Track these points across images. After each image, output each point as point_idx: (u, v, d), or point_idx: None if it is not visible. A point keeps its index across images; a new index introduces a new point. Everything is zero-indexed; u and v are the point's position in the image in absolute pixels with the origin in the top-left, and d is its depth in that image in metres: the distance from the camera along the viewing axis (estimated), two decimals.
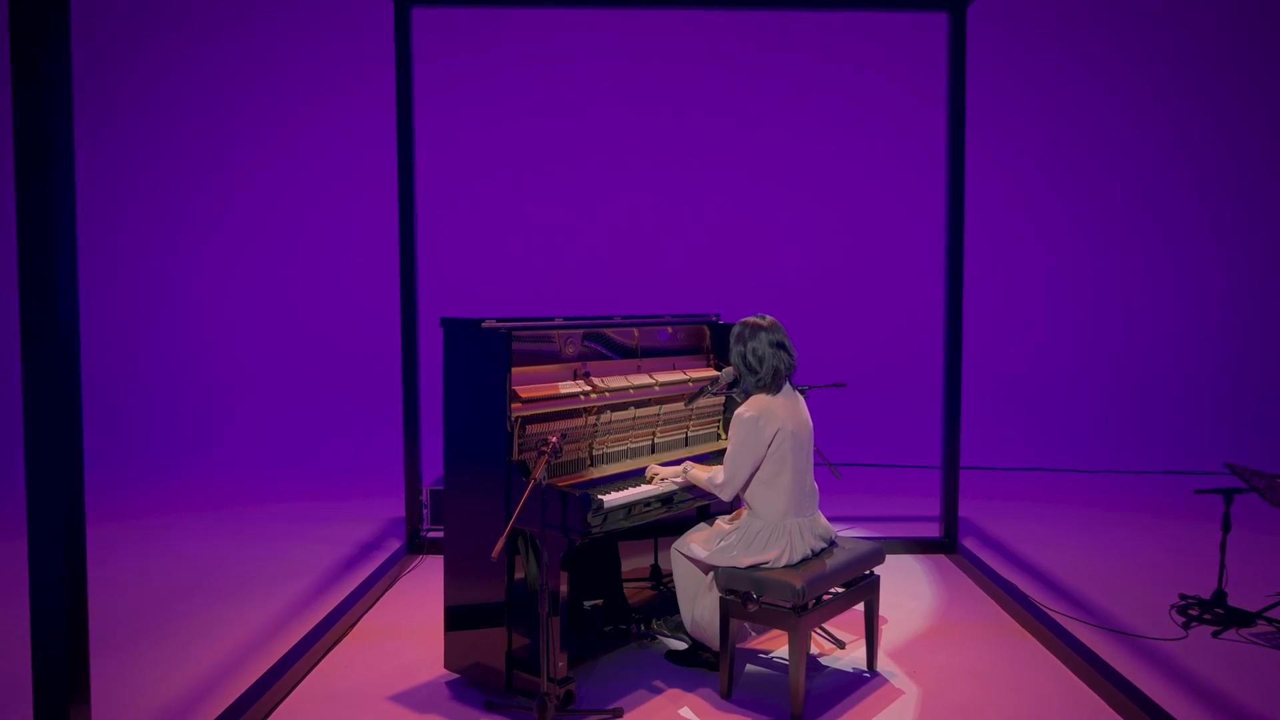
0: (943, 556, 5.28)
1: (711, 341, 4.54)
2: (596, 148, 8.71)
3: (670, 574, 4.32)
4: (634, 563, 4.22)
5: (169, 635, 4.07)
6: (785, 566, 3.29)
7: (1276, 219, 8.71)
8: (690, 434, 4.27)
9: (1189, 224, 8.83)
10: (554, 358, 3.70)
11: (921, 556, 5.27)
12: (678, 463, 3.74)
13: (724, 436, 4.49)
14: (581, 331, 3.81)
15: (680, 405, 4.14)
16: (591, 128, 8.69)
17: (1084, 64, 8.67)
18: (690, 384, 4.20)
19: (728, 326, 4.49)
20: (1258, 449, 8.02)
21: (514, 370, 3.46)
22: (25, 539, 2.37)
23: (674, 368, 4.30)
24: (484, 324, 3.37)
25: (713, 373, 4.39)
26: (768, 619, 3.25)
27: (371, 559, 5.17)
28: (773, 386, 3.36)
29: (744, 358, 3.38)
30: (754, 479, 3.32)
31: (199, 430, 8.47)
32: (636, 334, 4.11)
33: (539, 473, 3.03)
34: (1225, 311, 8.79)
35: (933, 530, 5.75)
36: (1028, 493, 6.99)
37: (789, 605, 3.19)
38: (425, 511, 5.35)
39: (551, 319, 3.65)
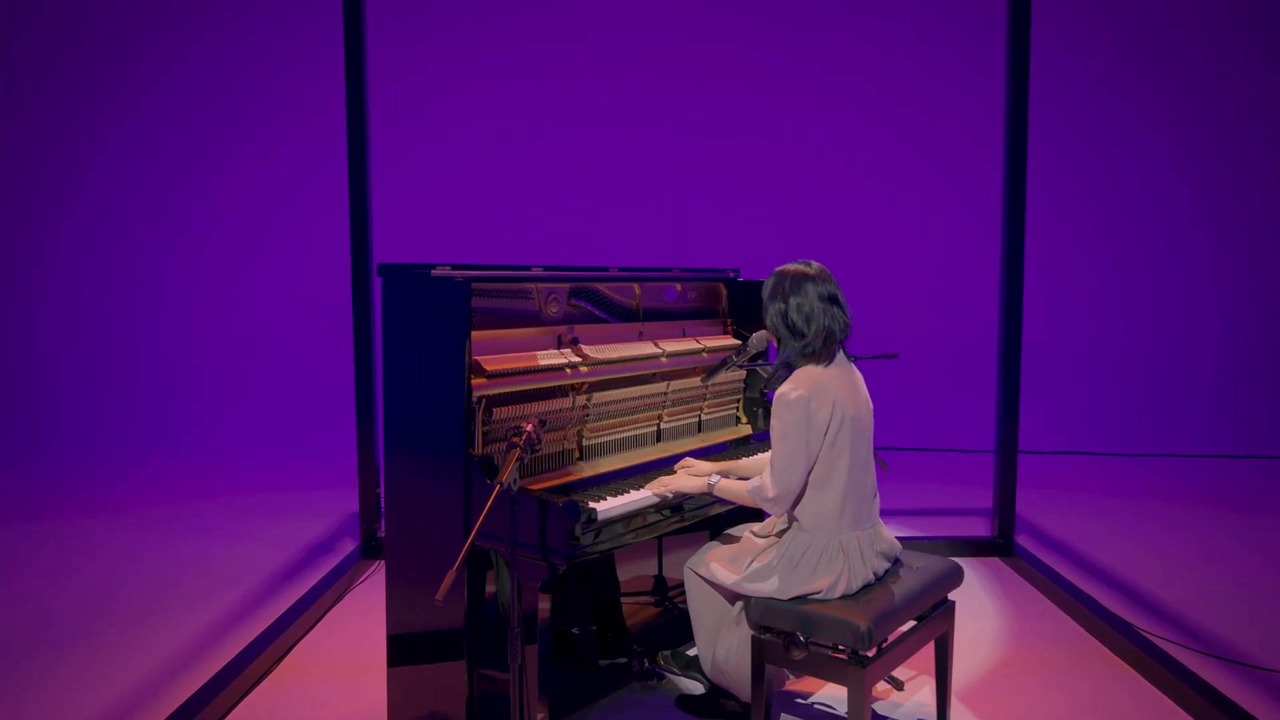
0: (997, 560, 4.47)
1: (729, 303, 3.68)
2: (595, 77, 7.71)
3: (680, 587, 3.50)
4: (633, 570, 3.39)
5: (57, 664, 3.23)
6: (841, 598, 2.45)
7: None
8: (704, 417, 3.43)
9: (1263, 197, 7.96)
10: (532, 319, 2.84)
11: (972, 560, 4.45)
12: (675, 458, 2.91)
13: (744, 420, 3.65)
14: (567, 286, 2.95)
15: (693, 381, 3.29)
16: (589, 52, 7.69)
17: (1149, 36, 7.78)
18: (705, 355, 3.35)
19: (748, 285, 3.64)
20: None
21: (477, 334, 2.60)
22: None
23: (684, 334, 3.45)
24: (434, 271, 2.51)
25: (730, 341, 3.54)
26: (820, 668, 2.42)
27: (318, 565, 4.33)
28: (823, 355, 2.51)
29: (784, 317, 2.52)
30: None
31: (144, 416, 7.59)
32: (638, 291, 3.26)
33: (507, 473, 2.18)
34: None
35: (978, 527, 4.94)
36: (1079, 481, 6.17)
37: (849, 651, 2.36)
38: (384, 508, 4.49)
39: (528, 268, 2.79)
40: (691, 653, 3.10)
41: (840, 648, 2.38)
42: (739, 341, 3.56)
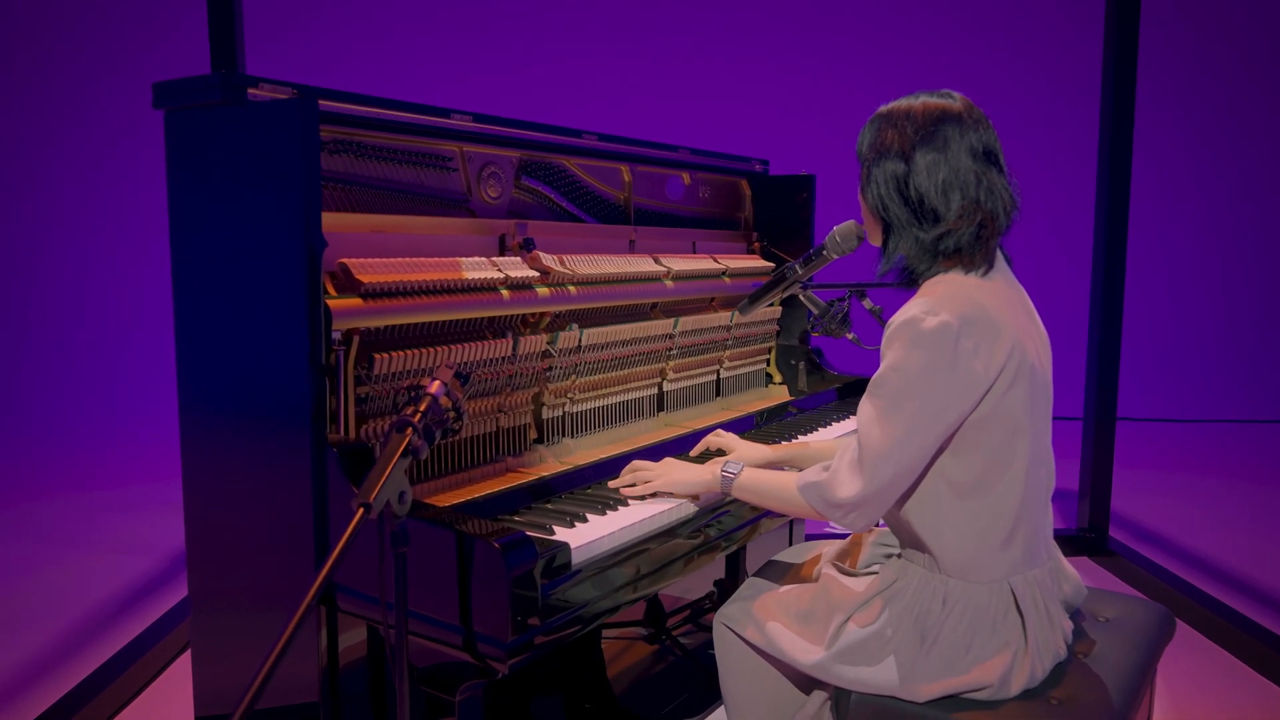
0: (1087, 560, 3.42)
1: (754, 209, 2.55)
2: None
3: (685, 611, 2.43)
4: None
5: None
6: (1022, 694, 1.34)
7: None
8: (724, 374, 2.31)
9: None
10: (454, 204, 1.68)
11: None
12: (691, 439, 1.78)
13: (778, 379, 2.54)
14: (516, 156, 1.79)
15: (711, 319, 2.16)
16: None
17: None
18: (726, 280, 2.23)
19: (783, 184, 2.52)
20: None
21: (348, 219, 1.45)
22: None
23: (694, 249, 2.31)
24: (254, 91, 1.33)
25: (759, 263, 2.41)
26: None
27: (179, 582, 3.15)
28: (976, 256, 1.38)
29: (902, 185, 1.38)
30: (934, 479, 1.35)
31: None
32: (627, 180, 2.11)
33: (383, 480, 1.04)
34: None
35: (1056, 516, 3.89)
36: (1155, 452, 5.11)
37: None
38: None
39: (446, 113, 1.61)
40: None
41: None
42: (770, 265, 2.43)
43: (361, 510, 1.05)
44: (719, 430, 1.77)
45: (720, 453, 1.73)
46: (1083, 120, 4.02)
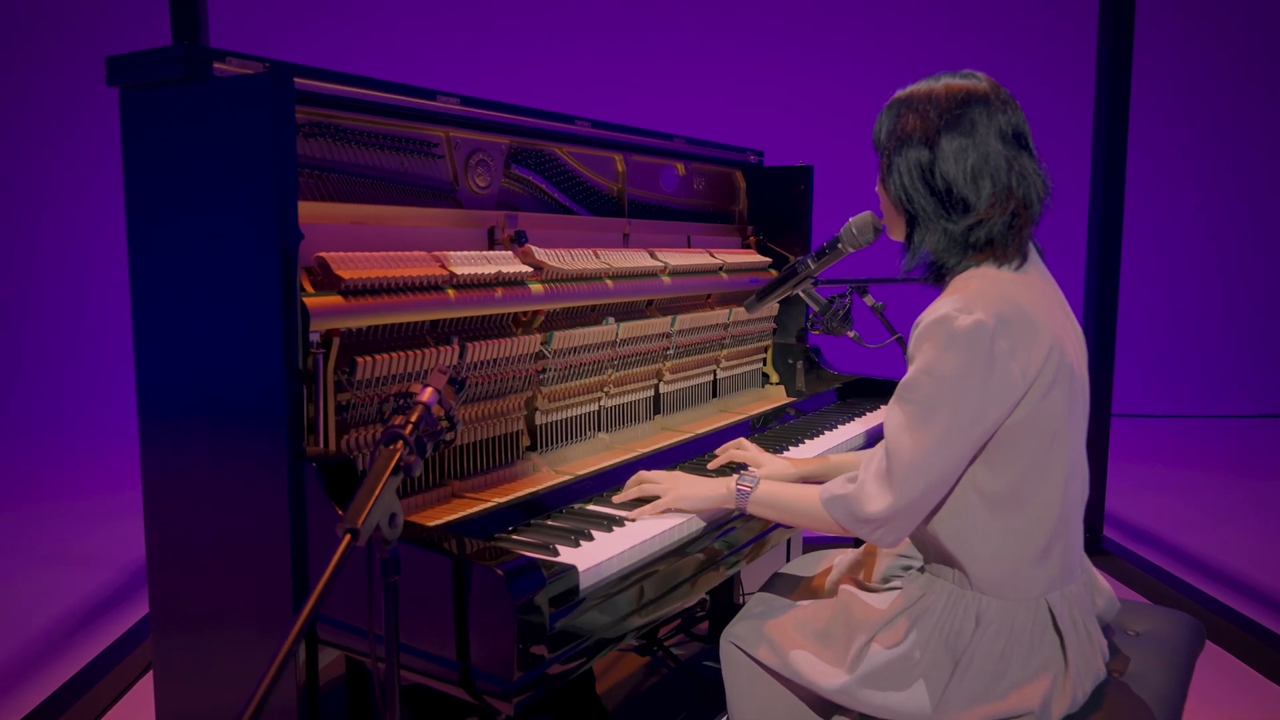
0: None
1: (748, 201, 2.44)
2: None
3: (676, 625, 2.33)
4: None
5: None
6: None
7: None
8: (721, 374, 2.20)
9: None
10: (441, 194, 1.55)
11: None
12: (697, 447, 1.67)
13: (775, 379, 2.44)
14: (506, 142, 1.67)
15: (708, 316, 2.06)
16: None
17: None
18: (724, 275, 2.12)
19: (777, 175, 2.41)
20: None
21: (326, 210, 1.32)
22: None
23: (688, 243, 2.20)
24: (221, 66, 1.20)
25: (755, 258, 2.30)
26: None
27: (141, 598, 3.00)
28: (1009, 248, 1.28)
29: (928, 174, 1.28)
30: (965, 489, 1.25)
31: None
32: (621, 169, 1.99)
33: (372, 502, 0.92)
34: None
35: None
36: (1162, 449, 5.06)
37: None
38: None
39: (432, 95, 1.49)
40: None
41: None
42: (766, 259, 2.33)
43: (348, 537, 0.93)
44: (741, 440, 1.67)
45: (737, 466, 1.64)
46: (1080, 119, 3.95)
